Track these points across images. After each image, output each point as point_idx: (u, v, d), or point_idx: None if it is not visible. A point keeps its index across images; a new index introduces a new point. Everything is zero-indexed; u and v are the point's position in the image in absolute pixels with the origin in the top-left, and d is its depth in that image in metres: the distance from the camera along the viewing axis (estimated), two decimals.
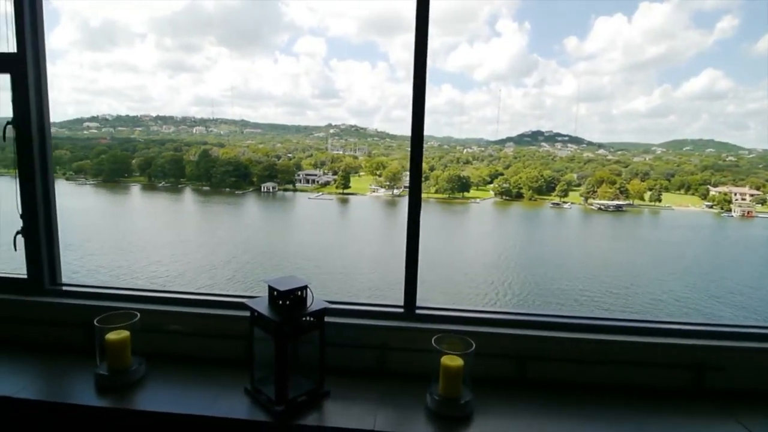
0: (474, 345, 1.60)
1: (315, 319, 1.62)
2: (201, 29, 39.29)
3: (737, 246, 20.60)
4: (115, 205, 24.53)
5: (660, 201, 23.03)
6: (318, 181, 25.23)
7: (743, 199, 21.80)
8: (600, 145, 26.51)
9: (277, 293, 1.56)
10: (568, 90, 33.71)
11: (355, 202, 24.89)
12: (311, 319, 1.61)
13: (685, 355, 1.77)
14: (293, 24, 42.88)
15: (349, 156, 27.02)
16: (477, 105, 37.09)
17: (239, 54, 41.57)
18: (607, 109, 34.93)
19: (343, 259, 18.10)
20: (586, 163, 25.20)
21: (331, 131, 28.63)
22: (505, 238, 21.99)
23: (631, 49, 34.00)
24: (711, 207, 22.38)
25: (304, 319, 1.60)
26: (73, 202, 21.39)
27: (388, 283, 13.80)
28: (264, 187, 24.65)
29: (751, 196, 21.82)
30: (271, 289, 1.59)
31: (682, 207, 22.80)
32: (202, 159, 25.43)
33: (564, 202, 23.72)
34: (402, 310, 1.91)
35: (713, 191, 22.64)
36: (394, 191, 24.43)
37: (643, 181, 23.61)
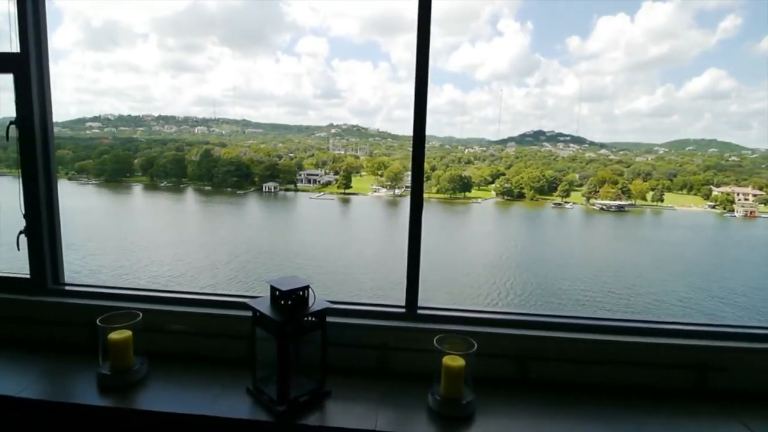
0: (476, 345, 1.60)
1: (317, 319, 1.62)
2: (203, 29, 39.30)
3: (740, 246, 20.53)
4: (117, 204, 24.57)
5: (662, 201, 22.96)
6: (319, 181, 25.23)
7: (746, 200, 21.72)
8: (602, 145, 26.44)
9: (279, 293, 1.56)
10: (570, 90, 33.54)
11: (357, 202, 24.88)
12: (313, 319, 1.61)
13: (688, 356, 1.77)
14: (295, 24, 42.83)
15: (351, 156, 27.01)
16: (479, 105, 36.99)
17: (241, 54, 41.55)
18: (610, 109, 34.76)
19: (344, 259, 18.09)
20: (588, 163, 25.13)
21: (332, 131, 28.62)
22: (507, 238, 21.96)
23: (633, 49, 33.83)
24: (713, 207, 22.30)
25: (305, 319, 1.60)
26: (75, 201, 21.42)
27: (389, 283, 13.79)
28: (265, 187, 24.65)
29: (754, 196, 21.74)
30: (273, 288, 1.59)
31: (685, 207, 22.72)
32: (204, 159, 25.45)
33: (566, 202, 23.67)
34: (404, 310, 1.91)
35: (716, 191, 22.56)
36: (396, 191, 24.42)
37: (645, 181, 23.54)
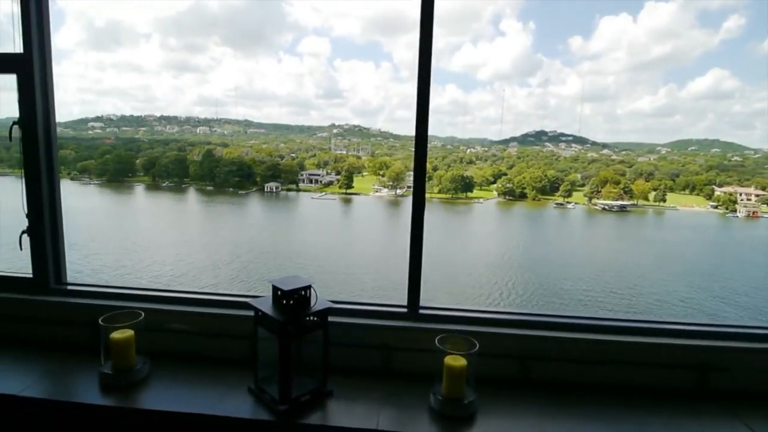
0: (477, 345, 1.60)
1: (319, 319, 1.62)
2: (205, 29, 39.40)
3: (742, 246, 20.48)
4: (119, 204, 24.61)
5: (664, 201, 22.92)
6: (321, 181, 25.24)
7: (748, 200, 21.67)
8: (604, 145, 26.41)
9: (281, 293, 1.56)
10: (572, 90, 33.55)
11: (358, 202, 24.89)
12: (315, 318, 1.62)
13: (690, 356, 1.76)
14: (297, 24, 42.92)
15: (353, 156, 27.03)
16: (481, 105, 37.07)
17: (243, 54, 41.63)
18: (612, 109, 34.78)
19: (346, 258, 18.11)
20: (590, 163, 25.10)
21: (334, 131, 28.64)
22: (509, 238, 21.94)
23: (636, 49, 33.84)
24: (716, 207, 22.26)
25: (307, 318, 1.60)
26: (77, 201, 21.48)
27: (391, 283, 13.78)
28: (267, 187, 24.68)
29: (757, 196, 21.68)
30: (275, 288, 1.59)
31: (687, 207, 22.68)
32: (206, 159, 25.49)
33: (568, 203, 23.64)
34: (405, 310, 1.91)
35: (718, 191, 22.51)
36: (397, 191, 24.42)
37: (647, 181, 23.50)
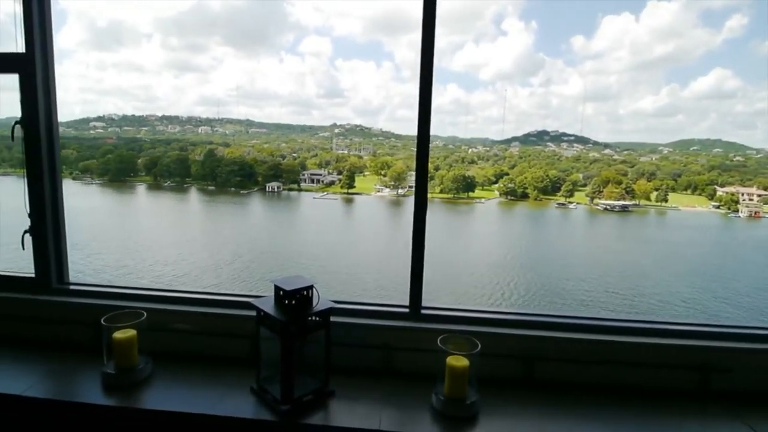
0: (479, 345, 1.59)
1: (321, 319, 1.62)
2: (207, 29, 39.46)
3: (744, 247, 20.44)
4: (120, 204, 24.66)
5: (666, 201, 22.88)
6: (323, 181, 25.26)
7: (751, 200, 21.61)
8: (606, 145, 26.38)
9: (283, 293, 1.56)
10: (574, 89, 33.53)
11: (360, 202, 24.89)
12: (317, 318, 1.61)
13: (692, 357, 1.76)
14: (299, 24, 42.99)
15: (354, 156, 27.04)
16: (482, 104, 37.05)
17: (245, 54, 41.73)
18: (614, 109, 34.72)
19: (348, 258, 18.11)
20: (591, 163, 25.07)
21: (336, 131, 28.66)
22: (511, 238, 21.94)
23: (638, 48, 33.76)
24: (718, 207, 22.21)
25: (309, 318, 1.60)
26: (79, 201, 21.52)
27: (393, 283, 13.78)
28: (269, 187, 24.70)
29: (759, 196, 21.63)
30: (277, 288, 1.59)
31: (689, 207, 22.64)
32: (208, 158, 25.53)
33: (569, 203, 23.62)
34: (407, 310, 1.91)
35: (720, 191, 22.46)
36: (399, 191, 24.41)
37: (649, 181, 23.46)
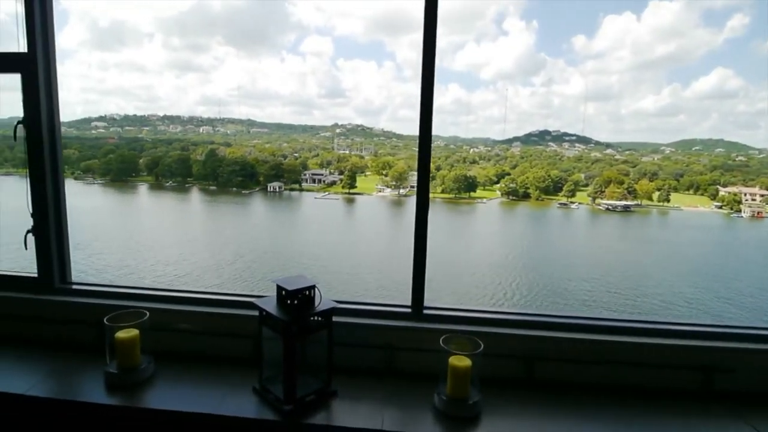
0: (482, 345, 1.59)
1: (323, 319, 1.62)
2: (208, 29, 39.38)
3: (747, 247, 20.36)
4: (122, 204, 24.68)
5: (668, 201, 22.79)
6: (324, 181, 25.24)
7: (753, 200, 21.52)
8: (608, 145, 26.28)
9: (286, 293, 1.56)
10: (575, 89, 33.31)
11: (362, 202, 24.87)
12: (319, 318, 1.62)
13: (695, 357, 1.75)
14: (300, 24, 42.87)
15: (356, 156, 27.01)
16: (484, 104, 36.81)
17: (246, 54, 41.64)
18: (616, 109, 34.49)
19: (349, 258, 18.10)
20: (593, 162, 24.99)
21: (337, 131, 28.63)
22: (512, 238, 21.90)
23: (639, 48, 33.51)
24: (720, 207, 22.11)
25: (312, 318, 1.60)
26: (81, 201, 21.53)
27: (395, 283, 13.77)
28: (270, 187, 24.69)
29: (762, 196, 21.54)
30: (279, 288, 1.59)
31: (691, 207, 22.55)
32: (209, 158, 25.53)
33: (571, 203, 23.55)
34: (409, 310, 1.91)
35: (723, 191, 22.37)
36: (401, 191, 24.38)
37: (651, 181, 23.37)
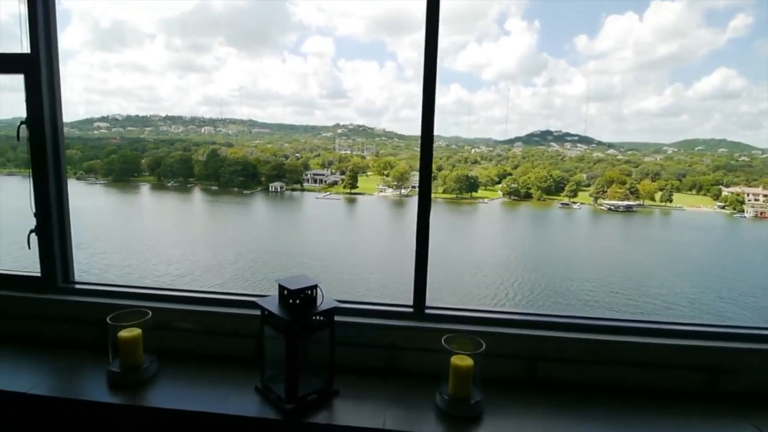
0: (484, 345, 1.59)
1: (325, 318, 1.62)
2: (210, 29, 39.34)
3: (750, 247, 20.30)
4: (124, 204, 24.72)
5: (671, 201, 22.72)
6: (326, 181, 25.23)
7: (756, 200, 21.44)
8: (610, 145, 26.20)
9: (288, 292, 1.56)
10: (577, 89, 33.18)
11: (363, 202, 24.86)
12: (321, 318, 1.62)
13: (698, 357, 1.75)
14: (301, 24, 42.82)
15: (357, 156, 26.99)
16: (485, 104, 36.69)
17: (248, 54, 41.61)
18: (618, 109, 34.32)
19: (351, 258, 18.10)
20: (595, 163, 24.91)
21: (338, 131, 28.61)
22: (514, 238, 21.87)
23: (642, 48, 33.38)
24: (723, 208, 22.03)
25: (314, 318, 1.60)
26: (83, 201, 21.57)
27: (396, 283, 13.76)
28: (272, 187, 24.69)
29: (765, 196, 21.44)
30: (281, 288, 1.59)
31: (694, 208, 22.48)
32: (211, 159, 25.54)
33: (573, 203, 23.49)
34: (411, 309, 1.91)
35: (725, 192, 22.28)
36: (402, 191, 24.36)
37: (653, 181, 23.30)
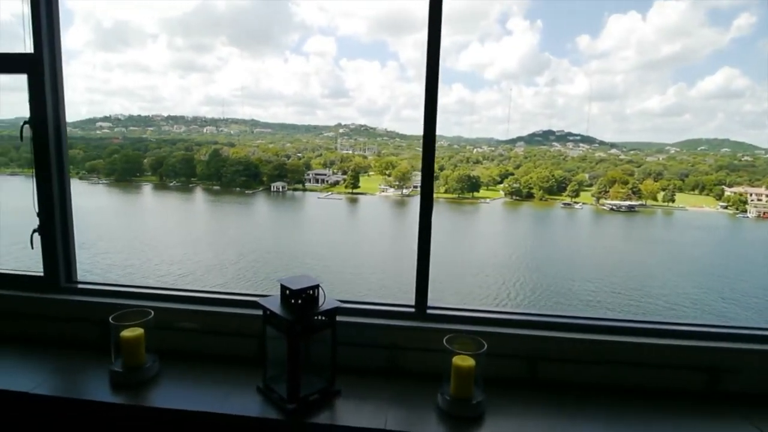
0: (486, 345, 1.59)
1: (327, 318, 1.63)
2: (212, 29, 39.48)
3: (752, 247, 20.24)
4: (127, 204, 24.79)
5: (673, 201, 22.67)
6: (327, 181, 25.26)
7: (759, 200, 21.39)
8: (612, 145, 26.17)
9: (290, 292, 1.57)
10: (580, 89, 33.16)
11: (365, 202, 24.87)
12: (323, 318, 1.62)
13: (699, 358, 1.75)
14: (303, 24, 42.92)
15: (359, 155, 27.01)
16: (487, 104, 36.73)
17: (250, 54, 41.75)
18: (620, 109, 34.31)
19: (353, 258, 18.11)
20: (597, 162, 24.88)
21: (340, 131, 28.64)
22: (516, 238, 21.85)
23: (645, 47, 33.36)
24: (726, 208, 21.98)
25: (316, 318, 1.60)
26: (86, 201, 21.62)
27: (398, 283, 13.77)
28: (274, 187, 24.74)
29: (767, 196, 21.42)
30: (283, 287, 1.60)
31: (696, 208, 22.43)
32: (213, 158, 25.60)
33: (575, 203, 23.47)
34: (413, 309, 1.91)
35: (728, 192, 22.23)
36: (404, 191, 24.37)
37: (656, 181, 23.26)
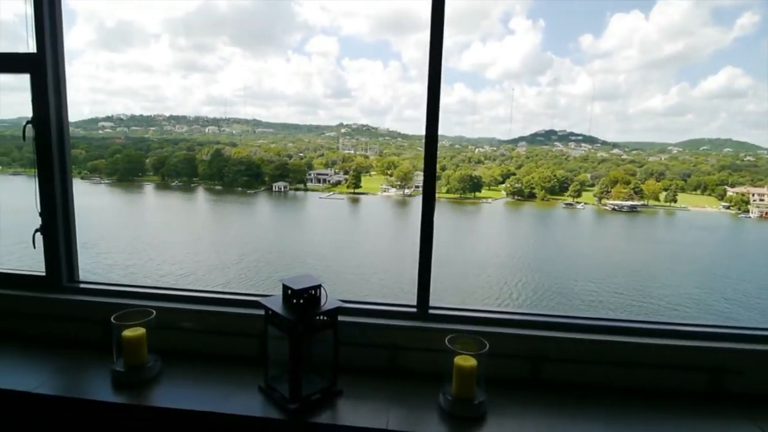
0: (487, 345, 1.59)
1: (329, 318, 1.62)
2: (214, 29, 39.53)
3: (755, 248, 20.20)
4: (129, 203, 24.84)
5: (675, 201, 22.63)
6: (329, 181, 25.27)
7: (761, 200, 21.33)
8: (614, 145, 26.11)
9: (291, 292, 1.57)
10: (582, 88, 33.08)
11: (366, 202, 24.87)
12: (325, 318, 1.62)
13: (702, 358, 1.74)
14: (306, 24, 42.93)
15: (361, 155, 27.01)
16: (489, 104, 36.69)
17: (252, 54, 41.80)
18: (623, 108, 34.21)
19: (354, 258, 18.12)
20: (600, 162, 24.84)
21: (342, 131, 28.64)
22: (518, 238, 21.85)
23: (647, 47, 33.26)
24: (728, 208, 21.92)
25: (317, 317, 1.60)
26: (88, 200, 21.66)
27: (399, 283, 13.77)
28: (275, 187, 24.76)
29: None
30: (285, 287, 1.59)
31: (698, 208, 22.39)
32: (215, 158, 25.64)
33: (577, 203, 23.44)
34: (415, 309, 1.91)
35: (730, 192, 22.17)
36: (405, 191, 24.36)
37: (658, 181, 23.21)
